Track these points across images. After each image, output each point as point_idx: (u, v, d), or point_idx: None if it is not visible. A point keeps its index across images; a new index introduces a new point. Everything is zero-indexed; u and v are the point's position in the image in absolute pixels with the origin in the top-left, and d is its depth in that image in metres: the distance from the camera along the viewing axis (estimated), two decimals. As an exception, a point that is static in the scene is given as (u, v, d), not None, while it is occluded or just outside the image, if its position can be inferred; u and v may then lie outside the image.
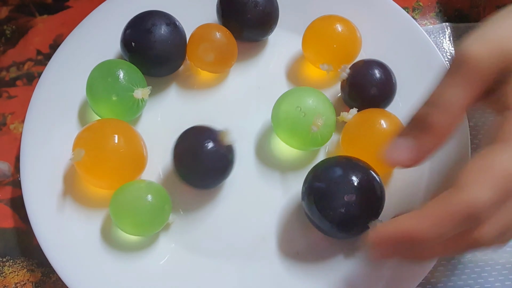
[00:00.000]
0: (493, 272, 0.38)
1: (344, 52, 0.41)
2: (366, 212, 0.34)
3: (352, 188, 0.33)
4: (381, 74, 0.39)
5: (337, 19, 0.41)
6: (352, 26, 0.41)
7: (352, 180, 0.34)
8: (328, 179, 0.35)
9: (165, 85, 0.43)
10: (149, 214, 0.35)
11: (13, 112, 0.45)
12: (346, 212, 0.33)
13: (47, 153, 0.40)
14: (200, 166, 0.36)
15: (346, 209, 0.33)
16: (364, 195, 0.34)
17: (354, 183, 0.34)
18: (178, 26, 0.41)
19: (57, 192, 0.38)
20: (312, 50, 0.42)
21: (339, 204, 0.33)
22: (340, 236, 0.36)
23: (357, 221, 0.34)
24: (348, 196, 0.33)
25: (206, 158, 0.36)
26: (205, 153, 0.36)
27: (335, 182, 0.34)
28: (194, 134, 0.37)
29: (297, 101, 0.38)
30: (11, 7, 0.49)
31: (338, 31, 0.40)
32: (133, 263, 0.37)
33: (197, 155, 0.36)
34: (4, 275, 0.39)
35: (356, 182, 0.34)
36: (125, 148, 0.36)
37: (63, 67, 0.42)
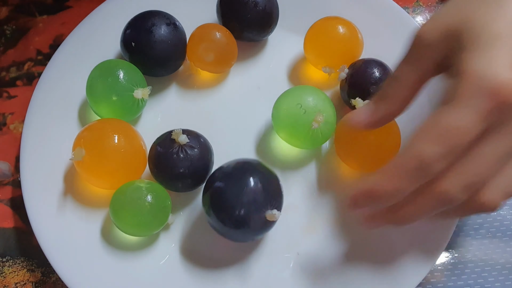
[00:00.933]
0: (493, 272, 0.39)
1: (346, 54, 0.41)
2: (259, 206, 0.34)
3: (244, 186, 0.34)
4: (380, 72, 0.39)
5: (339, 21, 0.41)
6: (354, 28, 0.41)
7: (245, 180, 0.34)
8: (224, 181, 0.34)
9: (165, 85, 0.43)
10: (149, 214, 0.35)
11: (13, 112, 0.45)
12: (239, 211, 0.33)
13: (47, 153, 0.40)
14: (170, 173, 0.36)
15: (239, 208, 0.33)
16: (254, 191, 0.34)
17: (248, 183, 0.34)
18: (178, 26, 0.41)
19: (57, 192, 0.38)
20: (314, 52, 0.42)
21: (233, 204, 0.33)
22: (236, 235, 0.36)
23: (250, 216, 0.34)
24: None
25: (170, 165, 0.36)
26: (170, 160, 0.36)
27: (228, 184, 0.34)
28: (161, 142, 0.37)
29: (297, 98, 0.38)
30: (11, 7, 0.49)
31: (340, 34, 0.40)
32: (133, 263, 0.37)
33: (162, 163, 0.36)
34: (4, 275, 0.39)
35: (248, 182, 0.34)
36: (125, 148, 0.36)
37: (63, 67, 0.42)
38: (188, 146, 0.36)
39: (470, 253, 0.39)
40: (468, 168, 0.28)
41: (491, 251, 0.39)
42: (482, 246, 0.39)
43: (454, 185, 0.28)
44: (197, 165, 0.36)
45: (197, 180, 0.37)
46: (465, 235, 0.40)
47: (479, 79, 0.27)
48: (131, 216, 0.35)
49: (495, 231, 0.40)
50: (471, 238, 0.40)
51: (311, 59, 0.42)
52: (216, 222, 0.34)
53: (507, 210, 0.41)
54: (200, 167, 0.36)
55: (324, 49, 0.41)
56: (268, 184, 0.35)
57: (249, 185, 0.34)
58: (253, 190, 0.34)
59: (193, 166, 0.36)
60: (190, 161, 0.36)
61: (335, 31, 0.40)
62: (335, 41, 0.41)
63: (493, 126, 0.28)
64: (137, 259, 0.37)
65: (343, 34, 0.40)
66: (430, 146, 0.27)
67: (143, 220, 0.35)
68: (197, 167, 0.36)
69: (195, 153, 0.36)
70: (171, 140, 0.36)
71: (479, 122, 0.27)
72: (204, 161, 0.37)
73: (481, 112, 0.27)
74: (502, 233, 0.40)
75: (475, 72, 0.27)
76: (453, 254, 0.39)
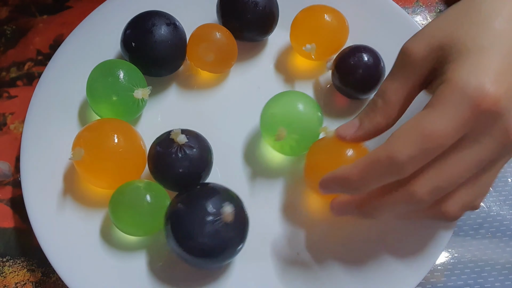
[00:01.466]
0: (493, 272, 0.39)
1: (330, 39, 0.41)
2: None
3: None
4: (368, 56, 0.39)
5: (323, 8, 0.42)
6: (339, 13, 0.41)
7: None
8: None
9: (165, 85, 0.43)
10: (148, 214, 0.35)
11: (13, 112, 0.45)
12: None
13: (47, 153, 0.40)
14: (169, 172, 0.36)
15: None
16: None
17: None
18: (178, 26, 0.41)
19: (57, 192, 0.38)
20: (297, 37, 0.42)
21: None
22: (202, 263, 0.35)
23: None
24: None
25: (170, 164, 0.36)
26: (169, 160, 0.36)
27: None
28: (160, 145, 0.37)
29: (275, 106, 0.38)
30: (11, 7, 0.49)
31: (323, 18, 0.41)
32: (132, 263, 0.37)
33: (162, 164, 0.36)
34: (4, 275, 0.39)
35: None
36: (124, 148, 0.36)
37: (63, 67, 0.42)
38: (187, 146, 0.36)
39: (470, 253, 0.39)
40: (440, 174, 0.29)
41: (491, 251, 0.39)
42: (482, 246, 0.39)
43: (423, 188, 0.29)
44: (196, 164, 0.36)
45: (196, 180, 0.37)
46: (465, 235, 0.40)
47: (462, 87, 0.27)
48: (130, 216, 0.35)
49: (495, 231, 0.40)
50: (471, 238, 0.40)
51: (296, 46, 0.42)
52: (177, 247, 0.34)
53: (507, 210, 0.41)
54: (199, 166, 0.36)
55: (307, 33, 0.41)
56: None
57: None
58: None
59: (192, 165, 0.36)
60: (189, 160, 0.36)
61: (319, 16, 0.41)
62: (319, 25, 0.41)
63: (471, 134, 0.28)
64: (137, 259, 0.37)
65: (328, 19, 0.41)
66: (405, 147, 0.28)
67: (142, 219, 0.35)
68: (196, 166, 0.36)
69: (194, 153, 0.36)
70: (170, 139, 0.36)
71: (456, 129, 0.27)
72: (203, 160, 0.37)
73: (460, 119, 0.27)
74: (502, 233, 0.40)
75: (460, 80, 0.28)
76: (453, 254, 0.39)
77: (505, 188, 0.41)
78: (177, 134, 0.36)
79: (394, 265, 0.36)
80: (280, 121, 0.37)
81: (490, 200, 0.41)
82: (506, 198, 0.41)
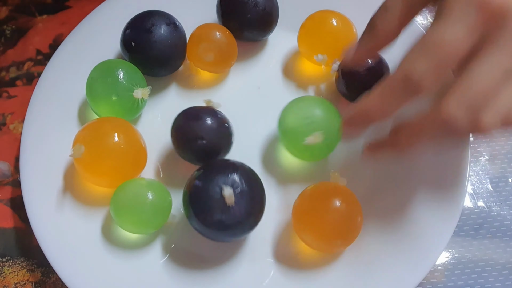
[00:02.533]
0: (493, 272, 0.38)
1: (339, 45, 0.41)
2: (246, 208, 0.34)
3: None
4: (373, 62, 0.39)
5: (332, 14, 0.41)
6: (347, 20, 0.41)
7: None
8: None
9: (165, 85, 0.43)
10: (150, 211, 0.35)
11: (13, 112, 0.45)
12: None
13: (47, 153, 0.40)
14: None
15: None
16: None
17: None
18: (178, 26, 0.41)
19: (57, 192, 0.38)
20: (307, 44, 0.42)
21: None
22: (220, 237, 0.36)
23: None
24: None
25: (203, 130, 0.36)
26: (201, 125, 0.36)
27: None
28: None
29: (306, 111, 0.37)
30: (11, 7, 0.49)
31: (333, 25, 0.41)
32: (133, 262, 0.37)
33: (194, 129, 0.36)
34: (4, 275, 0.39)
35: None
36: (125, 145, 0.36)
37: (63, 67, 0.42)
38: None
39: (470, 253, 0.39)
40: (467, 86, 0.27)
41: (491, 251, 0.39)
42: (482, 246, 0.39)
43: (456, 106, 0.28)
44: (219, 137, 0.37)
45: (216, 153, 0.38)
46: (465, 235, 0.40)
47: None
48: (132, 213, 0.35)
49: (496, 232, 0.40)
50: (471, 238, 0.40)
51: (304, 51, 0.42)
52: (195, 221, 0.34)
53: (507, 211, 0.41)
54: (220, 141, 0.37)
55: (316, 40, 0.41)
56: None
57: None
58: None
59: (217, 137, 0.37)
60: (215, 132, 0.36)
61: (328, 22, 0.41)
62: (328, 31, 0.41)
63: (487, 39, 0.27)
64: (137, 259, 0.37)
65: (336, 25, 0.41)
66: (418, 62, 0.27)
67: (144, 217, 0.35)
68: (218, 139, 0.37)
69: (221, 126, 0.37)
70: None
71: (467, 34, 0.27)
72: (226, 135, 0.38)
73: (469, 23, 0.27)
74: (502, 233, 0.40)
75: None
76: (453, 254, 0.39)
77: (506, 188, 0.41)
78: (210, 101, 0.37)
79: (394, 265, 0.36)
80: (316, 126, 0.36)
81: (490, 201, 0.41)
82: (506, 198, 0.41)
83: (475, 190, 0.41)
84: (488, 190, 0.41)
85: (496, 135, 0.43)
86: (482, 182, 0.42)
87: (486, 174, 0.42)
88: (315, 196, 0.36)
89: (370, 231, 0.37)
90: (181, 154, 0.38)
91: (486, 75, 0.27)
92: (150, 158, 0.39)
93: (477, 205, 0.41)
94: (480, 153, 0.43)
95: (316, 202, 0.35)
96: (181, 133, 0.37)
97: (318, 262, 0.37)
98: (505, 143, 0.43)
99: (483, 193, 0.41)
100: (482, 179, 0.42)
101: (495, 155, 0.43)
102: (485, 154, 0.43)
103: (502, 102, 0.28)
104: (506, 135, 0.43)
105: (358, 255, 0.37)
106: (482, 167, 0.42)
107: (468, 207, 0.41)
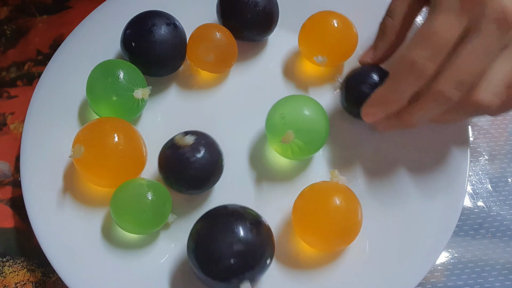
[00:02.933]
0: (493, 272, 0.39)
1: (339, 46, 0.41)
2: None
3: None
4: (377, 74, 0.38)
5: (333, 14, 0.41)
6: (348, 21, 0.41)
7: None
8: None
9: (165, 85, 0.43)
10: (150, 211, 0.35)
11: (13, 112, 0.45)
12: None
13: (47, 153, 0.40)
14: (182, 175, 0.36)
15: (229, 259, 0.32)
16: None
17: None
18: (178, 26, 0.41)
19: (57, 192, 0.38)
20: (307, 44, 0.42)
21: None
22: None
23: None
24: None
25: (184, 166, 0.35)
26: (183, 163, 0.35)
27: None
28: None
29: (285, 108, 0.37)
30: (11, 7, 0.49)
31: (334, 26, 0.41)
32: (133, 262, 0.37)
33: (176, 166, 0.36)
34: (4, 275, 0.39)
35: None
36: (125, 146, 0.36)
37: (63, 67, 0.42)
38: (196, 149, 0.35)
39: (469, 253, 0.39)
40: (457, 67, 0.32)
41: (491, 251, 0.39)
42: (482, 246, 0.39)
43: (447, 83, 0.32)
44: (205, 167, 0.36)
45: (205, 182, 0.37)
46: (465, 235, 0.40)
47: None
48: (132, 213, 0.35)
49: (495, 231, 0.40)
50: (471, 238, 0.40)
51: (304, 51, 0.42)
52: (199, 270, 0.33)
53: (507, 210, 0.41)
54: (208, 169, 0.36)
55: (317, 40, 0.41)
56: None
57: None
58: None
59: (202, 168, 0.36)
60: (199, 163, 0.35)
61: (328, 22, 0.41)
62: (328, 31, 0.41)
63: (472, 26, 0.31)
64: (137, 259, 0.37)
65: (337, 26, 0.41)
66: (420, 50, 0.32)
67: (143, 217, 0.35)
68: (205, 169, 0.36)
69: (203, 155, 0.36)
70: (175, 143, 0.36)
71: (457, 22, 0.31)
72: (214, 163, 0.36)
73: (456, 13, 0.31)
74: (502, 233, 0.40)
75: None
76: (453, 254, 0.39)
77: (505, 188, 0.41)
78: (180, 138, 0.36)
79: (394, 265, 0.36)
80: (289, 124, 0.36)
81: (490, 200, 0.41)
82: (506, 198, 0.41)
83: (474, 190, 0.41)
84: (487, 190, 0.41)
85: (495, 134, 0.43)
86: (482, 182, 0.42)
87: (485, 174, 0.42)
88: (315, 195, 0.36)
89: (370, 230, 0.37)
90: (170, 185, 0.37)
91: (471, 56, 0.31)
92: (150, 159, 0.39)
93: (476, 205, 0.41)
94: (479, 153, 0.43)
95: (316, 201, 0.35)
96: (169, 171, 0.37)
97: (318, 262, 0.37)
98: (504, 143, 0.43)
99: (482, 193, 0.41)
100: (482, 179, 0.42)
101: (495, 155, 0.43)
102: (484, 154, 0.43)
103: (492, 79, 0.32)
104: (506, 135, 0.43)
105: (358, 255, 0.37)
106: (482, 167, 0.42)
107: (467, 207, 0.41)
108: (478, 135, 0.43)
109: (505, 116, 0.44)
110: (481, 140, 0.43)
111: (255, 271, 0.33)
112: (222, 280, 0.32)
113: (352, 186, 0.37)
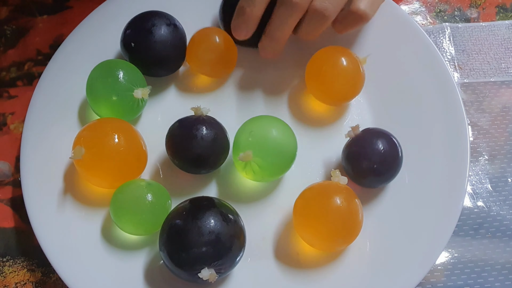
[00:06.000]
0: (493, 272, 0.39)
1: (346, 89, 0.40)
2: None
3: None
4: (384, 146, 0.37)
5: (340, 53, 0.40)
6: (355, 60, 0.40)
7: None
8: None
9: (165, 85, 0.43)
10: (149, 213, 0.35)
11: (13, 112, 0.45)
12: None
13: (47, 153, 0.40)
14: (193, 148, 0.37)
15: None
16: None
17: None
18: (178, 26, 0.41)
19: (57, 192, 0.38)
20: (315, 86, 0.41)
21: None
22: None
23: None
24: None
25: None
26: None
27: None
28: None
29: (254, 126, 0.37)
30: (11, 7, 0.49)
31: (342, 68, 0.39)
32: (133, 263, 0.37)
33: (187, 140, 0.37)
34: (4, 275, 0.39)
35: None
36: (125, 147, 0.36)
37: (63, 67, 0.42)
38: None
39: (470, 253, 0.39)
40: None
41: (491, 251, 0.39)
42: (482, 246, 0.39)
43: (323, 1, 0.37)
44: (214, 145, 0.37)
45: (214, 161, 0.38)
46: (465, 235, 0.40)
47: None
48: (132, 214, 0.35)
49: (495, 231, 0.40)
50: (471, 238, 0.40)
51: (312, 91, 0.42)
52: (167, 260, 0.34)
53: (507, 210, 0.41)
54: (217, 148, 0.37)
55: (324, 83, 0.40)
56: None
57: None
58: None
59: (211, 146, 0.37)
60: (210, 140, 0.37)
61: (337, 65, 0.39)
62: (336, 76, 0.39)
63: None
64: (137, 259, 0.37)
65: (346, 68, 0.39)
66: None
67: (143, 218, 0.35)
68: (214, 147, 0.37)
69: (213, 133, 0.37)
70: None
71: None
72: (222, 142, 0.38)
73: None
74: (502, 233, 0.40)
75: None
76: (453, 254, 0.39)
77: (505, 188, 0.41)
78: (198, 109, 0.37)
79: (394, 265, 0.36)
80: (252, 144, 0.36)
81: (490, 200, 0.41)
82: (506, 198, 0.41)
83: (474, 190, 0.41)
84: (487, 190, 0.41)
85: (495, 134, 0.43)
86: (482, 182, 0.42)
87: (485, 174, 0.42)
88: (316, 195, 0.36)
89: (371, 230, 0.37)
90: (177, 164, 0.38)
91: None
92: (150, 159, 0.39)
93: (476, 205, 0.41)
94: (479, 153, 0.43)
95: (317, 201, 0.35)
96: (177, 148, 0.37)
97: (319, 261, 0.37)
98: (504, 143, 0.43)
99: (482, 193, 0.41)
100: (482, 179, 0.42)
101: (494, 155, 0.43)
102: (484, 154, 0.43)
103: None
104: (506, 135, 0.43)
105: (358, 255, 0.37)
106: (482, 167, 0.42)
107: (467, 207, 0.41)
108: (478, 135, 0.43)
109: (505, 116, 0.44)
110: (481, 140, 0.43)
111: (222, 262, 0.33)
112: (186, 269, 0.33)
113: (353, 186, 0.37)
